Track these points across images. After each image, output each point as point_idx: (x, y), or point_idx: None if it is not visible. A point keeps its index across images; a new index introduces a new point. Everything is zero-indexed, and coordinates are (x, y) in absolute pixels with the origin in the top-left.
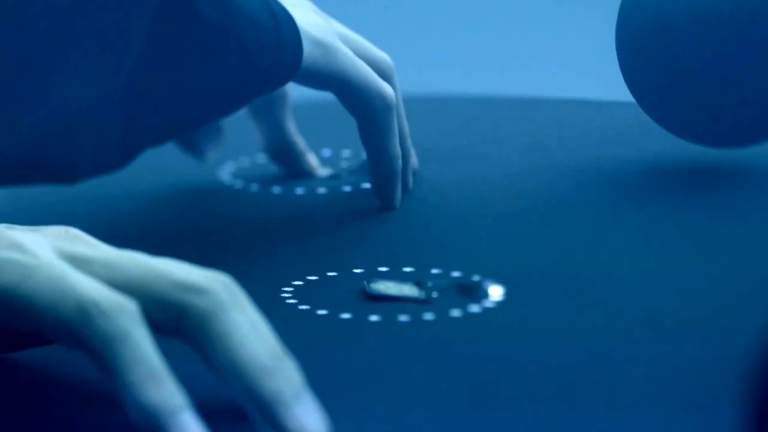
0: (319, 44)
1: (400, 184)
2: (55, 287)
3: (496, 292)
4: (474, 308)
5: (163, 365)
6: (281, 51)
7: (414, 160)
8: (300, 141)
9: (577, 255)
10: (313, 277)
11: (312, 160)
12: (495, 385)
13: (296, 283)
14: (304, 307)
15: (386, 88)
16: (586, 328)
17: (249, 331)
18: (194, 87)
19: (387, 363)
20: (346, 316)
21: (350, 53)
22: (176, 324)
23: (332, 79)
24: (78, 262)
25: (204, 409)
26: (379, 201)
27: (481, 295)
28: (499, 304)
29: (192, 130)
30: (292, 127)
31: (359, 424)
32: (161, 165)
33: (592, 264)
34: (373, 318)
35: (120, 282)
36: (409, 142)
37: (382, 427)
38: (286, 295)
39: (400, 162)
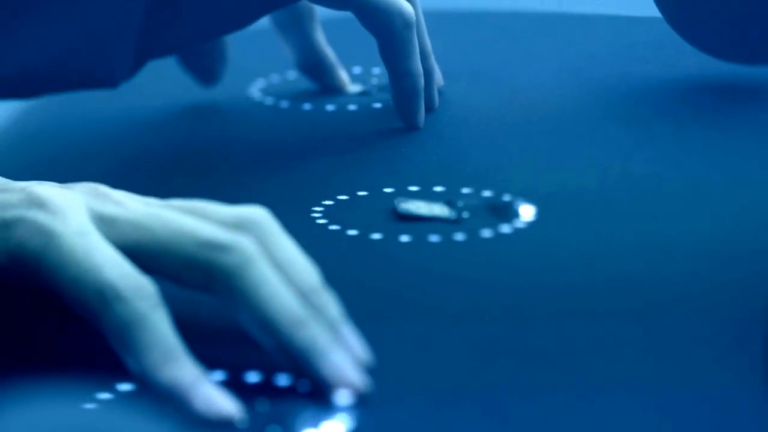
0: None
1: (422, 103)
2: (77, 264)
3: (527, 212)
4: (505, 228)
5: (180, 346)
6: None
7: (438, 77)
8: (330, 54)
9: (608, 175)
10: (344, 197)
11: (343, 74)
12: (525, 306)
13: (326, 202)
14: (334, 227)
15: (405, 5)
16: (618, 249)
17: (279, 285)
18: None
19: (417, 283)
20: (376, 236)
21: None
22: (205, 282)
23: None
24: (106, 222)
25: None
26: (402, 120)
27: (512, 214)
28: (530, 224)
29: (204, 41)
30: (321, 40)
31: (389, 346)
32: (191, 82)
33: (623, 183)
34: (404, 238)
35: (147, 242)
36: (432, 59)
37: (411, 348)
38: (316, 215)
39: (422, 80)
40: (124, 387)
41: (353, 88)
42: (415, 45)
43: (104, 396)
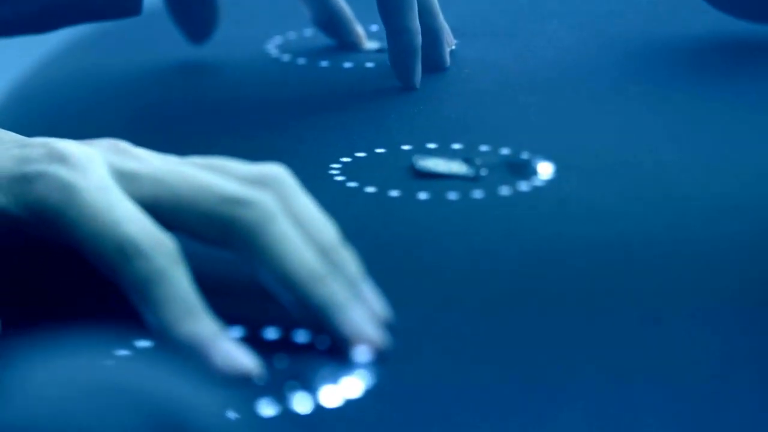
0: None
1: (419, 62)
2: (97, 219)
3: (545, 170)
4: (523, 186)
5: (199, 301)
6: None
7: (449, 38)
8: (346, 10)
9: (627, 133)
10: (361, 154)
11: (359, 30)
12: (543, 264)
13: (344, 159)
14: (352, 184)
15: None
16: (636, 207)
17: (298, 241)
18: None
19: (435, 241)
20: (394, 193)
21: None
22: (225, 238)
23: None
24: (126, 177)
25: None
26: (398, 80)
27: (531, 172)
28: (549, 181)
29: None
30: None
31: (407, 303)
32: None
33: (642, 142)
34: (422, 196)
35: (167, 198)
36: (440, 18)
37: (430, 305)
38: (334, 171)
39: (419, 38)
40: (143, 344)
41: (370, 44)
42: (411, 2)
43: (123, 353)
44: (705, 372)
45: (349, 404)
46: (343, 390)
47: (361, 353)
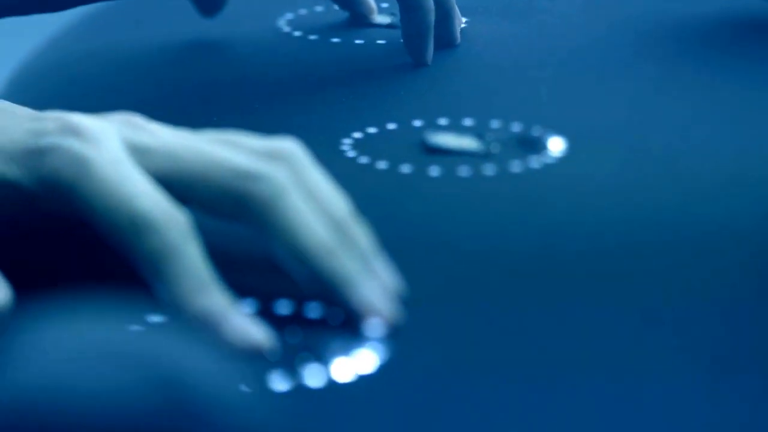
0: None
1: (432, 39)
2: (110, 193)
3: (556, 146)
4: (534, 162)
5: (212, 276)
6: None
7: (458, 17)
8: None
9: (638, 109)
10: (373, 130)
11: (370, 1)
12: (554, 241)
13: (355, 135)
14: (364, 160)
15: None
16: (646, 184)
17: (311, 215)
18: None
19: (446, 217)
20: (405, 169)
21: None
22: (238, 212)
23: None
24: (140, 151)
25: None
26: (410, 57)
27: (542, 148)
28: (560, 158)
29: None
30: None
31: (418, 278)
32: (219, 14)
33: (653, 119)
34: (433, 172)
35: (180, 172)
36: None
37: (441, 280)
38: (345, 147)
39: (432, 16)
40: (155, 319)
41: (381, 18)
42: None
43: (135, 328)
44: (727, 356)
45: (362, 378)
46: (355, 364)
47: (374, 327)
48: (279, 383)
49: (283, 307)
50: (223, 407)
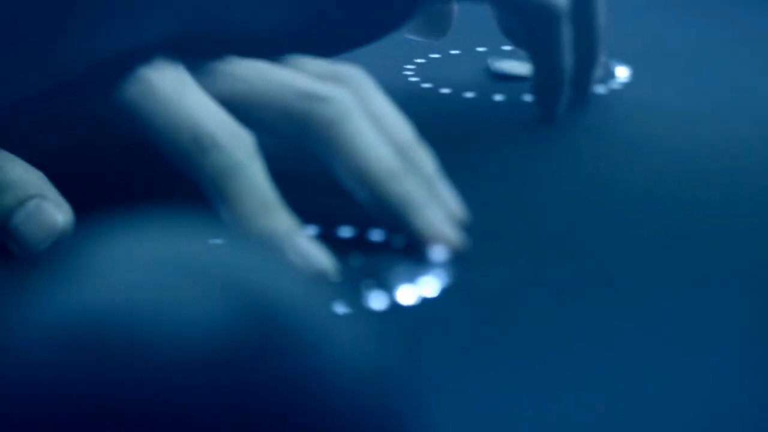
0: None
1: (563, 96)
2: (173, 113)
3: (622, 73)
4: (600, 88)
5: (275, 196)
6: None
7: (602, 65)
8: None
9: (704, 35)
10: (436, 55)
11: None
12: (618, 167)
13: (418, 60)
14: (427, 85)
15: None
16: (713, 110)
17: (374, 138)
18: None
19: (511, 142)
20: (469, 95)
21: None
22: (302, 134)
23: None
24: (202, 72)
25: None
26: (539, 110)
27: (608, 75)
28: (625, 84)
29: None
30: None
31: (482, 203)
32: None
33: (719, 44)
34: (497, 97)
35: (244, 93)
36: (597, 43)
37: (505, 205)
38: (408, 72)
39: (566, 74)
40: (216, 242)
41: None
42: (561, 39)
43: (216, 242)
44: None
45: (425, 302)
46: (418, 289)
47: (437, 252)
48: (341, 306)
49: (346, 231)
50: (310, 327)
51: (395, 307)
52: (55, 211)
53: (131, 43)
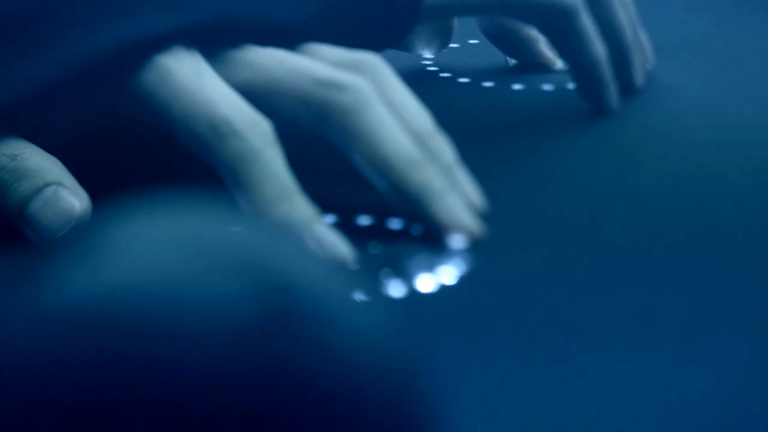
0: None
1: (611, 86)
2: (190, 99)
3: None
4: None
5: (294, 183)
6: None
7: (646, 54)
8: None
9: (725, 29)
10: (455, 45)
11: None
12: (639, 154)
13: None
14: (446, 74)
15: None
16: (737, 104)
17: (393, 126)
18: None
19: (530, 131)
20: (488, 84)
21: None
22: (320, 122)
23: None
24: (220, 60)
25: None
26: (590, 106)
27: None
28: (648, 76)
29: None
30: None
31: (501, 192)
32: None
33: (743, 34)
34: (516, 86)
35: (262, 80)
36: (625, 36)
37: (524, 195)
38: (426, 62)
39: (603, 65)
40: (235, 230)
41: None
42: (585, 32)
43: (234, 227)
44: None
45: (443, 290)
46: (437, 277)
47: (456, 241)
48: (359, 294)
49: (364, 220)
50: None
51: (414, 296)
52: (72, 199)
53: (151, 32)
